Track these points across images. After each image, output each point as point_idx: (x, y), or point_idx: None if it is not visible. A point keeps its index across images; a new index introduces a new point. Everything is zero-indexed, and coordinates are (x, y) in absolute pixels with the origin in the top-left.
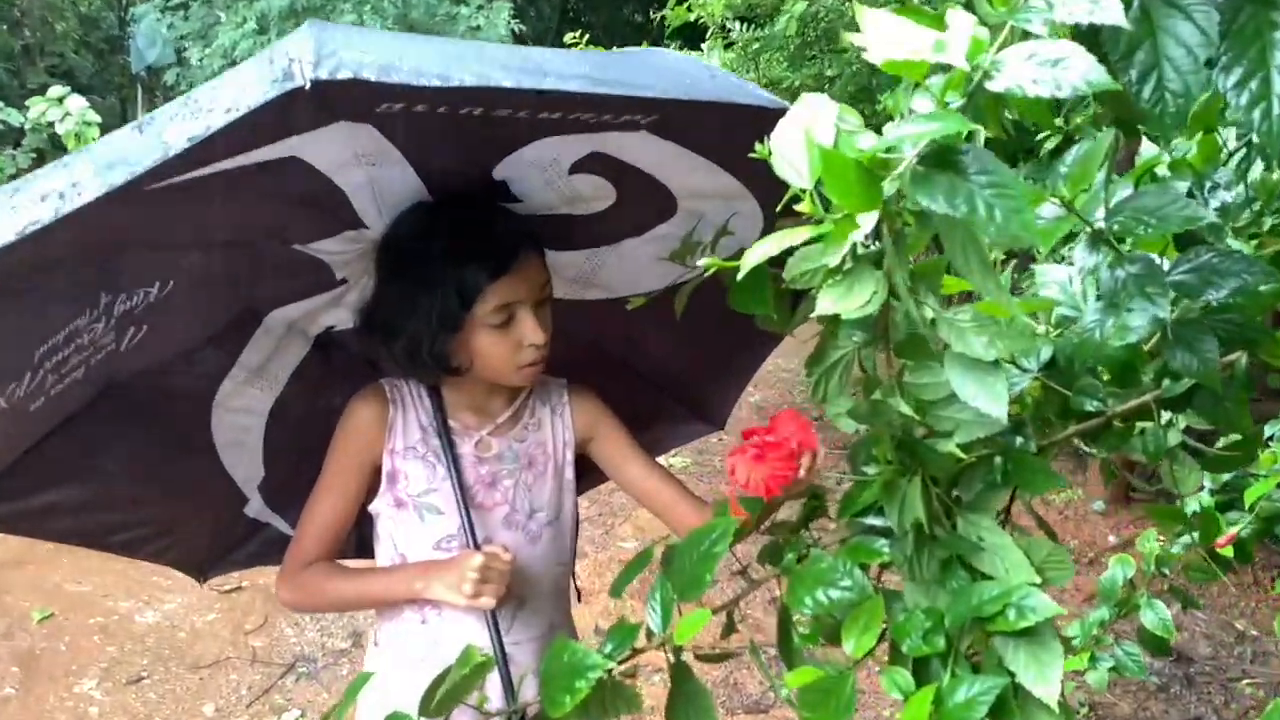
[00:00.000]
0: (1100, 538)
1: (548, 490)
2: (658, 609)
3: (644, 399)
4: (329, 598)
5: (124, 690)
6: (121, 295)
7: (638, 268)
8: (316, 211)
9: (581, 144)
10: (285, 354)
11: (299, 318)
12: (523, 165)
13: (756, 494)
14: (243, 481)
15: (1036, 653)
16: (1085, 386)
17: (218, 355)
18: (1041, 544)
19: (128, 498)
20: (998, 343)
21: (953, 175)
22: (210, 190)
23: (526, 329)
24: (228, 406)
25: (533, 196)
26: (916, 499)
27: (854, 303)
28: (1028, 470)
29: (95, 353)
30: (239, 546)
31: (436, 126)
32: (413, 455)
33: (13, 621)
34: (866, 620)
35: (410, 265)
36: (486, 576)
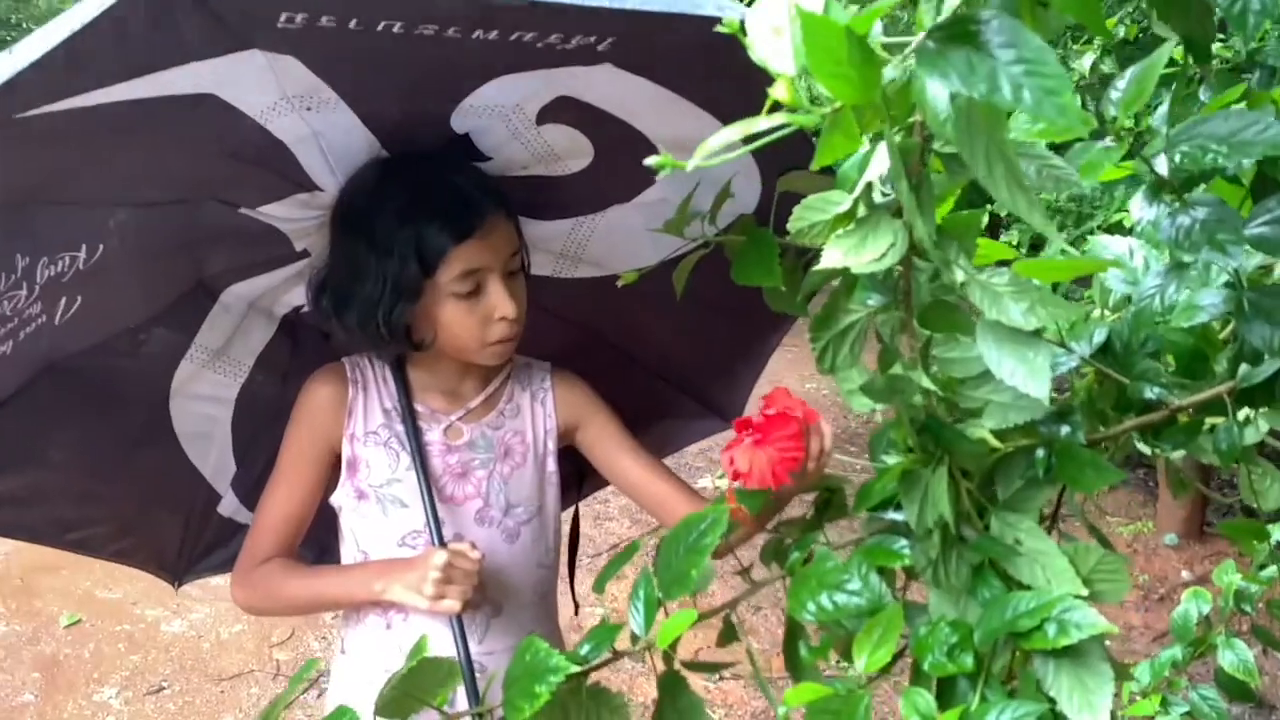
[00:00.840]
0: (1172, 572)
1: (527, 483)
2: (640, 608)
3: (647, 392)
4: (283, 598)
5: (143, 700)
6: (43, 259)
7: (630, 239)
8: (260, 170)
9: (544, 85)
10: (248, 336)
11: (260, 295)
12: (483, 114)
13: (763, 484)
14: (213, 477)
15: (1081, 676)
16: (1145, 372)
17: (170, 335)
18: (1091, 550)
19: (79, 492)
20: (1039, 309)
21: (971, 50)
22: (117, 128)
23: (496, 300)
24: (187, 393)
25: (500, 151)
26: (942, 493)
27: (867, 255)
28: (1075, 463)
29: (23, 325)
30: (215, 549)
31: (365, 54)
32: (374, 441)
33: (40, 626)
34: (883, 632)
35: (363, 225)
36: (450, 576)
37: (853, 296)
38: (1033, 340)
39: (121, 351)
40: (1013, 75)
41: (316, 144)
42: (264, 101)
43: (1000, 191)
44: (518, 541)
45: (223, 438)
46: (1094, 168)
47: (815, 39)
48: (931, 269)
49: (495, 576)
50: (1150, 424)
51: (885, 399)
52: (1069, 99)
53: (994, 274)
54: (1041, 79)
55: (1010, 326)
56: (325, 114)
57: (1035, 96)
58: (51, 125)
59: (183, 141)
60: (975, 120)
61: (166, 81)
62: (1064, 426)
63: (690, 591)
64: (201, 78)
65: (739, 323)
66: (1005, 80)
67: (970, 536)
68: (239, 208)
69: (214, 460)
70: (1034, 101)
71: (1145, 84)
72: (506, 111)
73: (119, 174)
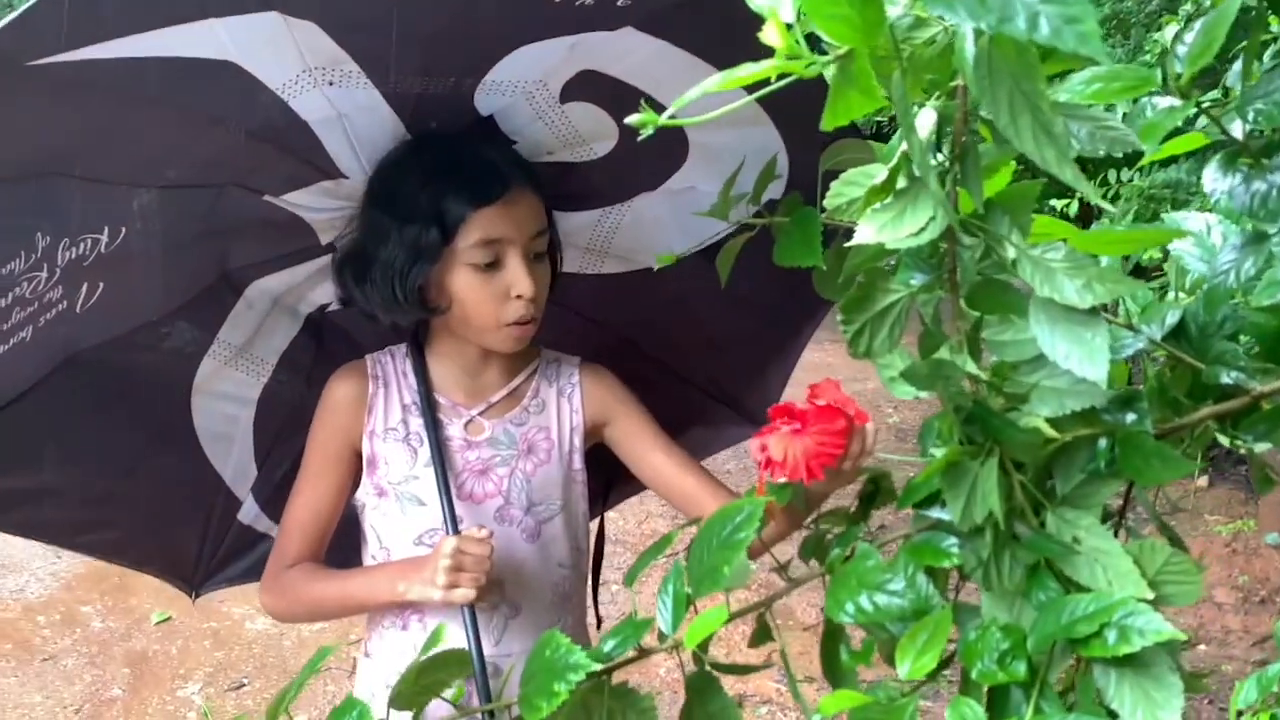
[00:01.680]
0: (1275, 574)
1: (550, 481)
2: (668, 604)
3: (676, 398)
4: (310, 602)
5: (224, 696)
6: (65, 239)
7: (658, 230)
8: (284, 154)
9: (567, 57)
10: (272, 334)
11: (284, 291)
12: (506, 91)
13: (795, 476)
14: (233, 481)
15: (1146, 687)
16: (1222, 355)
17: (193, 330)
18: (1158, 549)
19: (96, 493)
20: (1096, 286)
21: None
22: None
23: (514, 276)
24: (209, 391)
25: (525, 134)
26: (992, 487)
27: (904, 230)
28: (1140, 454)
29: (43, 310)
30: (234, 559)
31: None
32: (393, 438)
33: (132, 623)
34: (929, 636)
35: (388, 193)
36: (461, 564)
37: (895, 274)
38: (1090, 319)
39: (144, 345)
40: (1028, 3)
41: (341, 126)
42: (285, 74)
43: (1026, 143)
44: (538, 540)
45: (244, 439)
46: (1155, 129)
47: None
48: (982, 245)
49: (514, 576)
50: (1229, 412)
51: (929, 386)
52: (1091, 26)
53: (1048, 249)
54: (1060, 5)
55: (1065, 305)
56: (349, 91)
57: (1053, 25)
58: (68, 78)
59: (204, 116)
60: (997, 62)
61: (185, 41)
62: (1129, 414)
63: (722, 588)
64: (221, 41)
65: (769, 320)
66: (1020, 9)
67: (1024, 534)
68: (263, 195)
69: (234, 463)
70: (1052, 30)
71: (1214, 35)
72: (530, 89)
73: (141, 150)
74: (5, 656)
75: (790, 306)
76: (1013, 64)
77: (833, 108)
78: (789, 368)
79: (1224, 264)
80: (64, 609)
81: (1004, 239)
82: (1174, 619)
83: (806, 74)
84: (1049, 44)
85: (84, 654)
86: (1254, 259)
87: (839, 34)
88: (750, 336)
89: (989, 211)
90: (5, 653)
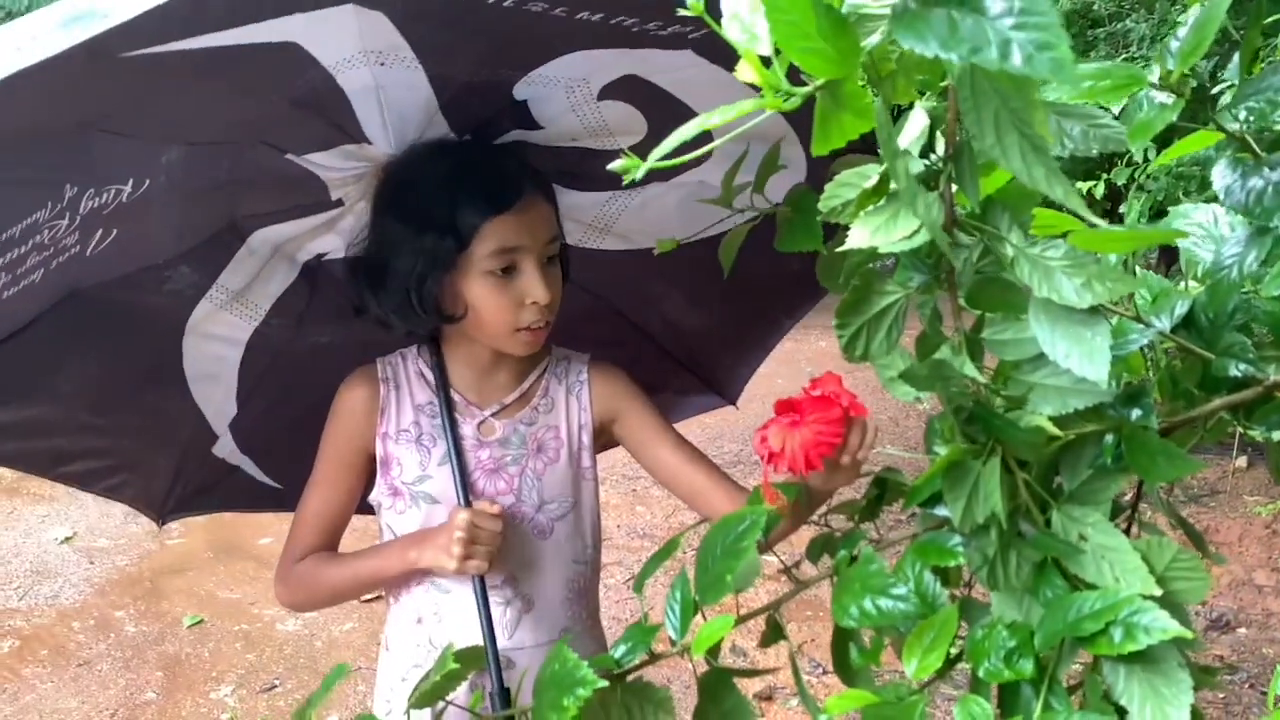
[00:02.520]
0: None
1: (560, 479)
2: (676, 611)
3: (651, 363)
4: (323, 586)
5: (256, 698)
6: (90, 190)
7: (661, 216)
8: (315, 116)
9: (617, 63)
10: (269, 279)
11: (287, 240)
12: (548, 84)
13: (793, 467)
14: (213, 418)
15: (1156, 684)
16: (1231, 347)
17: (193, 273)
18: (1165, 546)
19: (81, 425)
20: (1096, 285)
21: (955, 7)
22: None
23: (529, 283)
24: (202, 333)
25: (555, 121)
26: (994, 486)
27: (898, 233)
28: (1145, 451)
29: (57, 254)
30: (205, 491)
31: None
32: (405, 439)
33: (165, 627)
34: (935, 635)
35: (403, 201)
36: (475, 536)
37: (889, 277)
38: (1090, 318)
39: (144, 286)
40: (999, 30)
41: (376, 97)
42: (341, 54)
43: (1013, 162)
44: (550, 538)
45: (229, 379)
46: (1147, 127)
47: (779, 13)
48: (980, 244)
49: (527, 572)
50: (1242, 403)
51: (928, 386)
52: (1064, 51)
53: (1047, 247)
54: (1033, 31)
55: (1064, 305)
56: (396, 71)
57: (1025, 52)
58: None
59: (253, 88)
60: (981, 84)
61: (263, 30)
62: (1134, 410)
63: (726, 595)
64: (293, 28)
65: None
66: (991, 37)
67: (1029, 533)
68: (285, 153)
69: (217, 401)
70: (1024, 58)
71: (1205, 33)
72: (572, 84)
73: (183, 113)
74: (41, 662)
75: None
76: (999, 82)
77: (823, 132)
78: (765, 350)
79: (1229, 257)
80: (98, 614)
81: (1003, 238)
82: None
83: (787, 108)
84: (1022, 73)
85: (118, 658)
86: (1258, 251)
87: (814, 67)
88: (732, 316)
89: (988, 209)
90: (41, 658)
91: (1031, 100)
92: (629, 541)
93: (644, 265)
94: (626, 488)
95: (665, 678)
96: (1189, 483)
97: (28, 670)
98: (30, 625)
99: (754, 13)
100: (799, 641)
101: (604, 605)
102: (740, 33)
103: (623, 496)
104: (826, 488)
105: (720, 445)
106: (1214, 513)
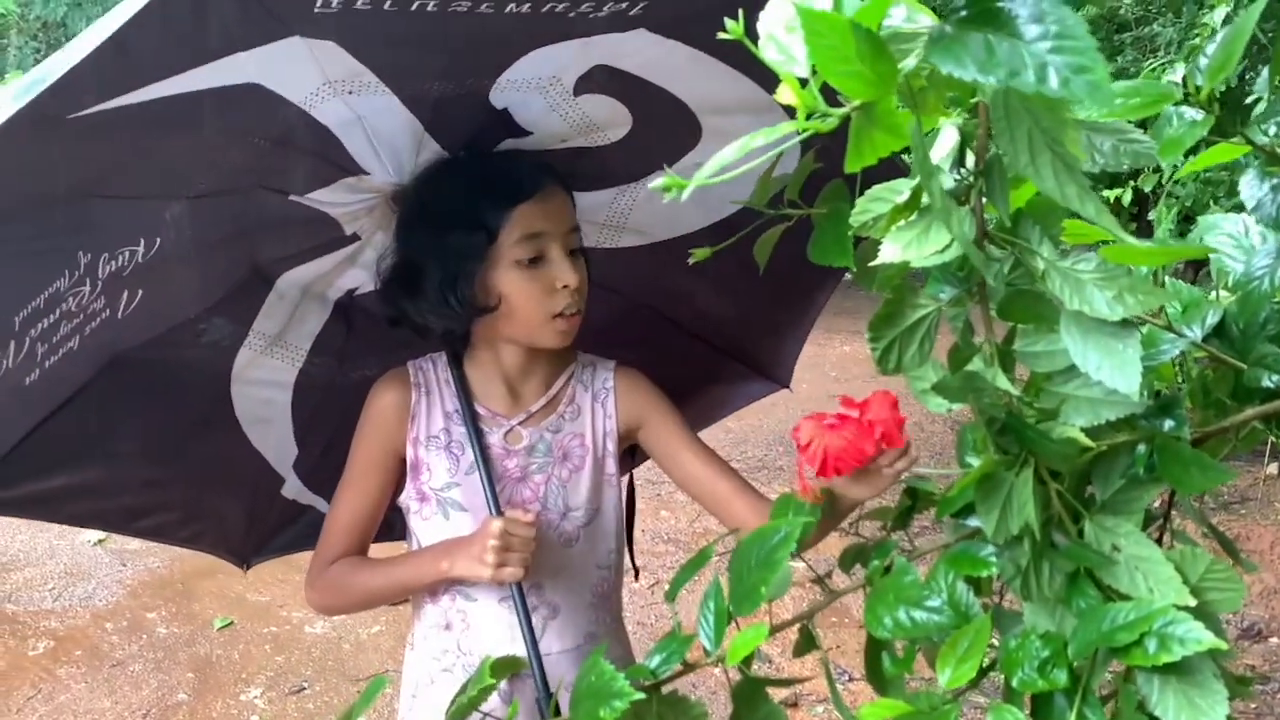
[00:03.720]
0: None
1: (585, 486)
2: (710, 621)
3: (695, 358)
4: (357, 591)
5: (285, 700)
6: (104, 254)
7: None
8: (305, 155)
9: (582, 55)
10: (304, 320)
11: (313, 280)
12: (521, 88)
13: (811, 463)
14: (275, 460)
15: (1190, 694)
16: (1263, 357)
17: (228, 324)
18: (1198, 556)
19: (147, 480)
20: (1127, 297)
21: (991, 31)
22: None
23: (558, 268)
24: (247, 379)
25: (539, 125)
26: (1027, 497)
27: (930, 248)
28: (1178, 462)
29: (88, 320)
30: (280, 531)
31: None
32: (435, 445)
33: (195, 629)
34: (969, 645)
35: (429, 209)
36: (509, 544)
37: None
38: (1121, 330)
39: (182, 342)
40: (1036, 54)
41: (361, 128)
42: (307, 88)
43: (1045, 181)
44: (576, 544)
45: (283, 421)
46: (1177, 144)
47: (819, 36)
48: (1011, 257)
49: (552, 578)
50: (1274, 413)
51: (961, 398)
52: (1101, 74)
53: (1079, 260)
54: (1070, 54)
55: (1095, 317)
56: (367, 97)
57: (1062, 76)
58: (104, 122)
59: (231, 132)
60: (1014, 105)
61: (213, 74)
62: (1167, 420)
63: (760, 605)
64: (246, 69)
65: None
66: (1028, 61)
67: (1062, 543)
68: (288, 195)
69: (275, 444)
70: (1060, 81)
71: (1233, 48)
72: (544, 84)
73: (172, 167)
74: (75, 663)
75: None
76: (1032, 102)
77: (856, 149)
78: (806, 326)
79: (1260, 268)
80: (130, 615)
81: (1034, 251)
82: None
83: (824, 129)
84: (1059, 96)
85: (150, 659)
86: None
87: (853, 90)
88: (765, 298)
89: (1019, 222)
90: (75, 659)
91: (1064, 119)
92: (654, 546)
93: (667, 258)
94: (651, 492)
95: (691, 683)
96: (1220, 490)
97: (62, 670)
98: (65, 626)
99: (790, 34)
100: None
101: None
102: (777, 53)
103: (647, 501)
104: (850, 495)
105: (744, 450)
106: (1245, 520)
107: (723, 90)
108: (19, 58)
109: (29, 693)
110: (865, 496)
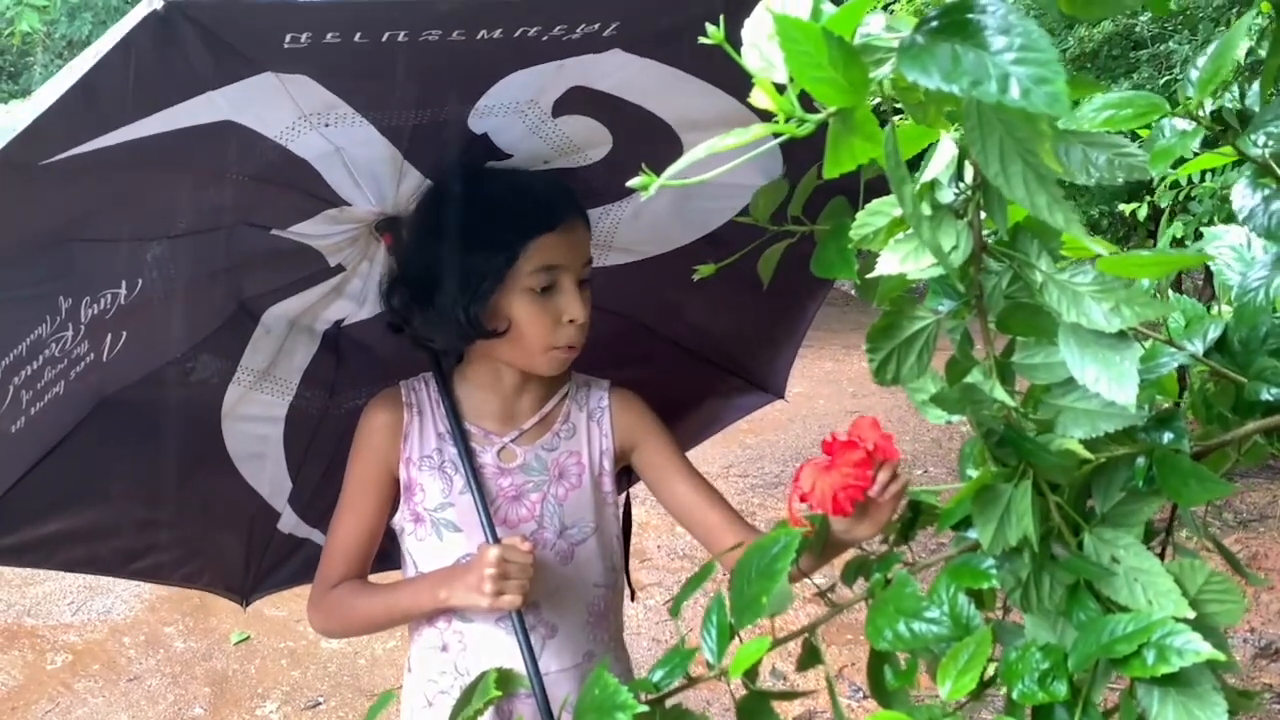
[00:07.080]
0: None
1: (582, 504)
2: (713, 635)
3: (689, 373)
4: (356, 617)
5: (300, 715)
6: (85, 298)
7: (657, 222)
8: (286, 189)
9: (558, 77)
10: (292, 354)
11: (300, 313)
12: (499, 113)
13: (822, 508)
14: (270, 495)
15: (1190, 707)
16: (1264, 371)
17: (215, 360)
18: (1198, 568)
19: (141, 521)
20: (1124, 310)
21: (958, 42)
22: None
23: (568, 302)
24: (238, 415)
25: (519, 147)
26: (1026, 509)
27: (926, 260)
28: (1177, 474)
29: (72, 365)
30: (279, 566)
31: (374, 65)
32: (429, 465)
33: (213, 643)
34: (970, 656)
35: (450, 224)
36: (506, 572)
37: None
38: (1118, 342)
39: (170, 381)
40: (1000, 65)
41: (340, 159)
42: (282, 122)
43: (1016, 191)
44: (573, 562)
45: (276, 455)
46: (1166, 154)
47: (793, 43)
48: (1009, 270)
49: (550, 597)
50: (1276, 427)
51: (959, 410)
52: (1060, 86)
53: (1076, 272)
54: (1032, 66)
55: (1093, 329)
56: (344, 129)
57: (1023, 86)
58: (77, 166)
59: (209, 170)
60: (987, 114)
61: (185, 114)
62: (1166, 433)
63: (762, 618)
64: (218, 106)
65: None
66: (991, 72)
67: (1062, 555)
68: (270, 229)
69: (269, 479)
70: (1022, 92)
71: (1223, 60)
72: (522, 107)
73: (151, 208)
74: (93, 676)
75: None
76: (1005, 112)
77: (834, 155)
78: (798, 337)
79: (1255, 280)
80: (148, 630)
81: (1032, 264)
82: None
83: (800, 134)
84: (1019, 106)
85: (167, 674)
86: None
87: (826, 95)
88: (756, 310)
89: (1017, 236)
90: (93, 673)
91: (1039, 130)
92: (669, 562)
93: (655, 275)
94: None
95: (704, 700)
96: (1238, 507)
97: (80, 684)
98: (83, 640)
99: (771, 42)
100: (839, 665)
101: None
102: (758, 60)
103: (661, 517)
104: (849, 536)
105: (761, 466)
106: (1263, 538)
107: (700, 106)
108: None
109: (46, 706)
110: (868, 535)
